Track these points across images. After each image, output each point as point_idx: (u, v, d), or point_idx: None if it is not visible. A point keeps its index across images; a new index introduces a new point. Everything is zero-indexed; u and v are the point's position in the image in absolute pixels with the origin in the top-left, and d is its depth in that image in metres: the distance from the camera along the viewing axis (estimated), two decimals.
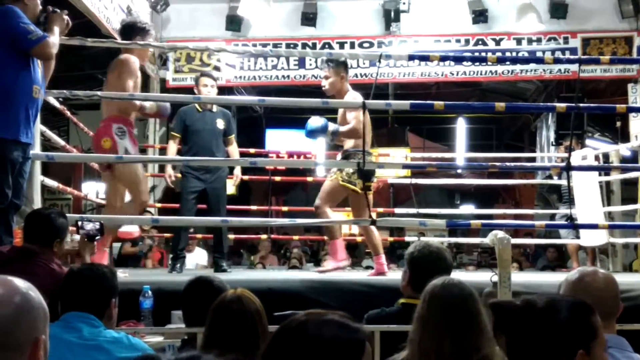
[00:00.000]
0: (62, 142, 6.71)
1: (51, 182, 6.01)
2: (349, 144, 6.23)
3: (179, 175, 7.23)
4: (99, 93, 5.37)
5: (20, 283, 1.62)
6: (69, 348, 2.80)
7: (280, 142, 14.05)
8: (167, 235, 9.29)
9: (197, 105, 7.04)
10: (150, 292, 4.20)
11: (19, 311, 1.56)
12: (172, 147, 7.06)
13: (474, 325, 2.53)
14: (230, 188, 7.47)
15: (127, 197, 5.81)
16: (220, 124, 7.06)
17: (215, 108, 7.11)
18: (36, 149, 5.08)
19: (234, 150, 7.22)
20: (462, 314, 2.53)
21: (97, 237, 4.39)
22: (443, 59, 8.25)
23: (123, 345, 2.95)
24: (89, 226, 4.33)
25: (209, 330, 2.82)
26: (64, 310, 3.03)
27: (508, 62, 10.26)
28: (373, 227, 6.12)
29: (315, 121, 5.98)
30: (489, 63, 10.01)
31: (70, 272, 3.29)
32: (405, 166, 8.07)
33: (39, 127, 5.23)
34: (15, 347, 1.54)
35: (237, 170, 7.33)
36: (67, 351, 2.77)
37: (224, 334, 2.73)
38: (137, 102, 5.63)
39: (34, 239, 3.98)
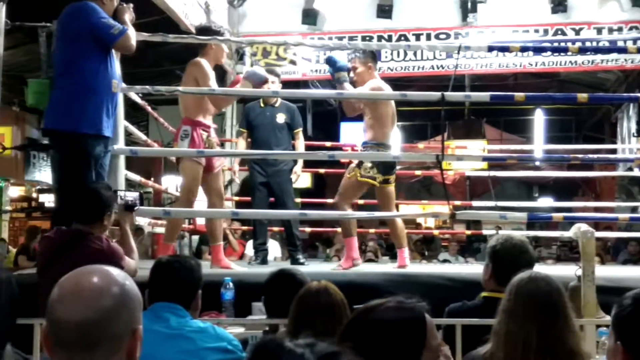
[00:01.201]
0: (143, 137, 6.84)
1: (134, 176, 6.14)
2: (368, 135, 6.13)
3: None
4: (180, 88, 5.45)
5: (118, 274, 1.65)
6: (157, 338, 2.86)
7: (355, 135, 14.03)
8: (245, 228, 9.39)
9: (260, 100, 7.13)
10: (231, 284, 4.25)
11: (119, 302, 1.59)
12: (241, 142, 7.24)
13: (561, 318, 2.52)
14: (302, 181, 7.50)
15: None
16: (281, 118, 7.10)
17: (278, 102, 7.15)
18: (120, 144, 5.20)
19: (299, 144, 7.27)
20: (549, 307, 2.52)
21: (136, 207, 4.43)
22: (523, 49, 8.11)
23: (209, 335, 2.99)
24: (128, 196, 4.39)
25: (294, 321, 2.85)
26: (151, 301, 3.09)
27: (589, 52, 10.04)
28: (399, 220, 6.22)
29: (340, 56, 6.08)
30: (569, 53, 9.82)
31: (159, 263, 3.34)
32: (484, 159, 8.00)
33: (122, 122, 5.34)
34: (115, 338, 1.57)
35: (298, 167, 7.26)
36: (156, 341, 2.82)
37: (309, 325, 2.75)
38: (212, 105, 5.75)
39: (83, 216, 4.02)
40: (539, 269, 3.17)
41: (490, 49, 7.67)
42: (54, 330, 1.56)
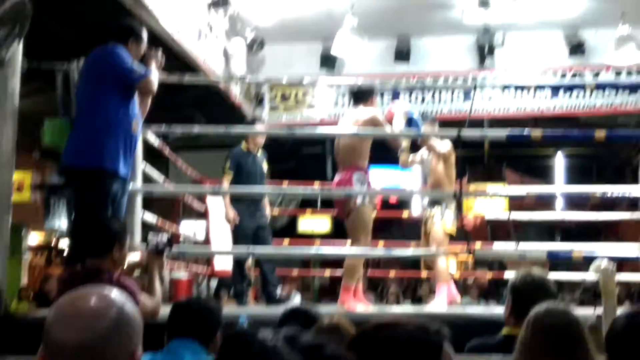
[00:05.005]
0: (161, 179, 6.85)
1: (150, 218, 6.14)
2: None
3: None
4: (195, 128, 5.47)
5: (117, 296, 1.63)
6: None
7: (373, 178, 14.01)
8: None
9: (244, 148, 7.52)
10: (246, 323, 4.20)
11: (116, 324, 1.56)
12: (226, 184, 7.44)
13: (579, 352, 2.45)
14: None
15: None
16: (265, 166, 7.60)
17: (260, 152, 7.58)
18: (138, 184, 5.21)
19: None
20: (566, 340, 2.46)
21: (166, 251, 4.28)
22: (538, 87, 8.13)
23: None
24: (157, 239, 4.26)
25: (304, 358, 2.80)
26: (169, 339, 3.06)
27: (606, 93, 10.01)
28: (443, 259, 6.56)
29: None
30: (587, 96, 9.80)
31: (178, 303, 3.33)
32: (502, 195, 7.93)
33: (140, 163, 5.36)
34: None
35: (267, 210, 7.73)
36: None
37: None
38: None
39: (92, 249, 3.97)
40: None
41: (506, 87, 7.70)
42: (51, 353, 1.53)
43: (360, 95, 6.22)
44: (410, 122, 6.25)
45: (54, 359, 1.53)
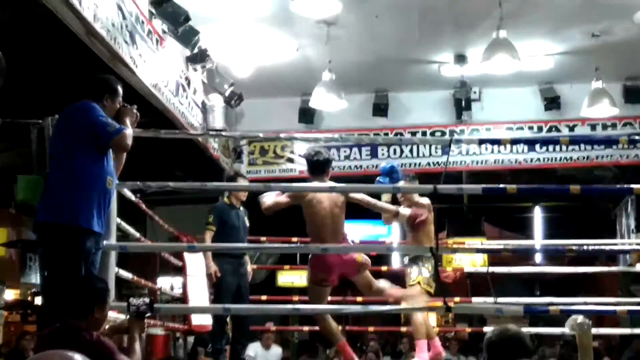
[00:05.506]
0: (137, 235, 6.79)
1: (126, 274, 6.06)
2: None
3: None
4: (170, 184, 5.44)
5: (79, 359, 1.59)
6: None
7: (353, 233, 13.97)
8: None
9: (227, 201, 7.65)
10: None
11: None
12: (209, 240, 7.47)
13: None
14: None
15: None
16: (247, 221, 7.68)
17: (241, 207, 7.67)
18: (112, 240, 5.15)
19: None
20: None
21: (147, 314, 4.30)
22: (514, 142, 8.20)
23: None
24: (138, 303, 4.26)
25: None
26: None
27: (582, 148, 10.10)
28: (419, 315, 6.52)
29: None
30: (564, 149, 9.89)
31: None
32: (479, 250, 7.93)
33: (115, 219, 5.30)
34: None
35: (249, 267, 7.82)
36: None
37: None
38: None
39: (73, 309, 3.94)
40: None
41: (482, 141, 7.76)
42: None
43: (320, 166, 6.07)
44: (391, 171, 6.29)
45: None
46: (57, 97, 4.79)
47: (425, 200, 6.62)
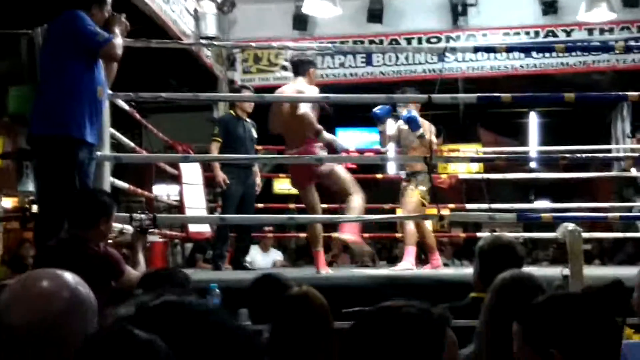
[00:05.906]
0: (131, 145, 6.78)
1: (121, 184, 6.08)
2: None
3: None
4: (163, 95, 5.40)
5: (70, 278, 1.60)
6: None
7: (351, 141, 13.99)
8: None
9: (233, 113, 7.68)
10: (217, 290, 4.19)
11: (69, 307, 1.54)
12: (215, 152, 7.51)
13: None
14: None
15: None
16: (254, 133, 7.72)
17: (248, 118, 7.69)
18: (105, 151, 5.15)
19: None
20: None
21: (150, 230, 4.42)
22: (509, 50, 8.13)
23: None
24: (142, 219, 4.36)
25: (274, 327, 2.79)
26: None
27: (578, 53, 10.01)
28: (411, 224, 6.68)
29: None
30: (560, 54, 9.81)
31: (146, 275, 3.34)
32: (473, 159, 7.96)
33: (108, 130, 5.28)
34: (65, 344, 1.51)
35: (258, 179, 7.92)
36: None
37: (289, 331, 2.70)
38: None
39: (79, 220, 4.00)
40: (532, 270, 3.14)
41: (477, 50, 7.69)
42: (2, 335, 1.50)
43: (300, 67, 6.22)
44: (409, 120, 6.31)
45: (6, 342, 1.50)
46: (45, 7, 4.69)
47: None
